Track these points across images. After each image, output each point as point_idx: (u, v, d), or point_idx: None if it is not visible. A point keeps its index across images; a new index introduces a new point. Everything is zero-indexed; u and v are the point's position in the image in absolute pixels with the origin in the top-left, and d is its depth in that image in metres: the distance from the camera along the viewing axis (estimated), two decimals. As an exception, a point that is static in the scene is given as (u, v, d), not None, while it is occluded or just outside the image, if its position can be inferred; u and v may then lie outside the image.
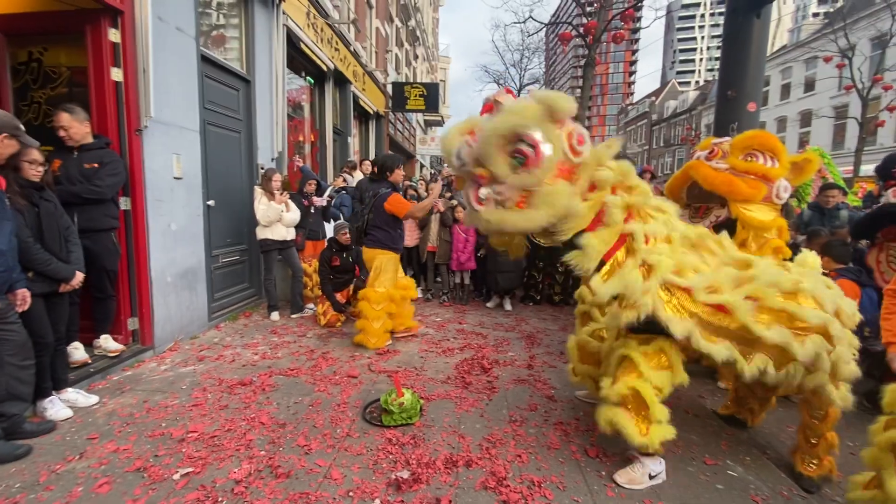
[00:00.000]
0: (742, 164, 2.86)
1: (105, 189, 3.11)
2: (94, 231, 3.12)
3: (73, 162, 3.09)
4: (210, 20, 4.77)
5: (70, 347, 3.05)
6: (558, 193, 2.04)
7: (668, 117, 38.28)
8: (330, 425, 2.63)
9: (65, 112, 3.03)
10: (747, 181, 2.84)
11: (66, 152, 3.10)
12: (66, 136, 3.05)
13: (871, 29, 18.09)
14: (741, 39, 3.92)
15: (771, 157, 2.86)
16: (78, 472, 2.15)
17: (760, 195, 2.83)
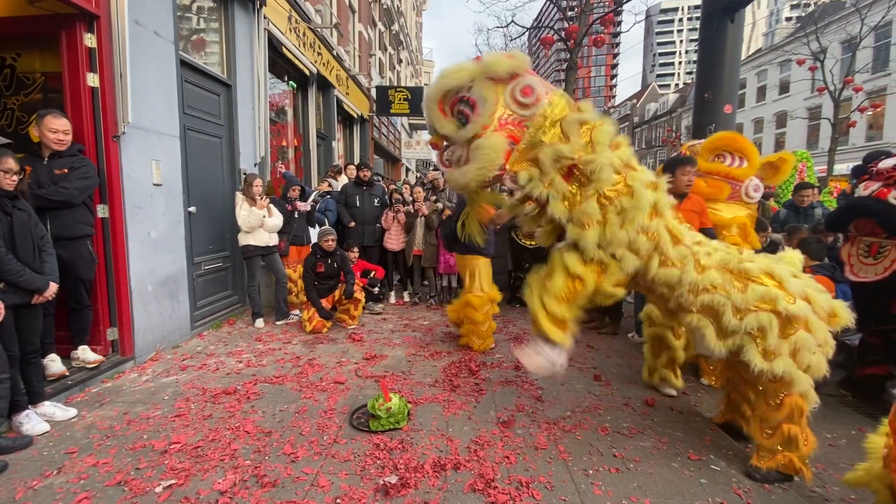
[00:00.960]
0: (706, 165, 3.00)
1: (73, 191, 3.01)
2: (69, 239, 3.04)
3: (43, 168, 3.01)
4: (189, 24, 4.71)
5: (46, 360, 2.97)
6: (488, 147, 2.08)
7: (650, 119, 38.95)
8: (317, 432, 2.61)
9: (65, 117, 3.00)
10: (709, 181, 2.97)
11: (36, 159, 3.02)
12: (60, 143, 2.98)
13: (841, 32, 18.71)
14: (716, 43, 4.02)
15: (740, 157, 2.98)
16: (56, 487, 2.09)
17: (723, 194, 2.96)
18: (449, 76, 2.14)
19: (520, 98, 2.13)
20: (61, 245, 2.94)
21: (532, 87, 2.14)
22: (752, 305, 2.09)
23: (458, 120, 2.18)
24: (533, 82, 2.16)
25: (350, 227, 5.78)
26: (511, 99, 2.13)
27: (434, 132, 2.28)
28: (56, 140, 2.97)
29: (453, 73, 2.14)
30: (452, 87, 2.15)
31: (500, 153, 2.11)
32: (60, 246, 2.91)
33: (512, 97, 2.13)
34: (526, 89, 2.13)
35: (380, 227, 5.89)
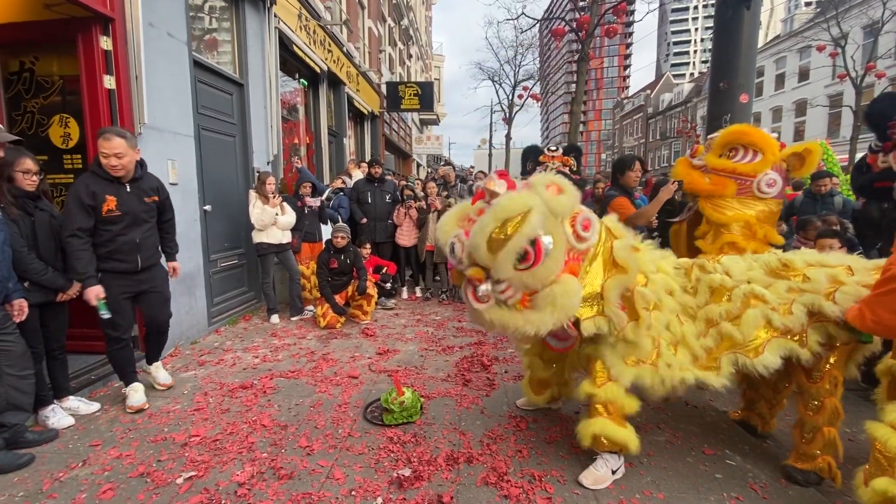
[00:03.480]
0: (714, 162, 2.91)
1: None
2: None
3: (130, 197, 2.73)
4: (201, 25, 4.77)
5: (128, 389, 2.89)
6: (568, 293, 1.90)
7: (664, 110, 38.26)
8: (331, 426, 2.65)
9: (118, 136, 2.59)
10: (712, 178, 2.89)
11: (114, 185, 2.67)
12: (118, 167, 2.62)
13: (863, 17, 18.11)
14: (732, 31, 3.93)
15: (753, 151, 2.85)
16: (81, 479, 2.16)
17: (727, 191, 2.85)
18: (511, 213, 1.84)
19: (581, 233, 1.98)
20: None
21: (591, 221, 2.03)
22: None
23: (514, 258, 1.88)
24: (589, 214, 2.05)
25: (362, 223, 5.82)
26: (573, 233, 1.97)
27: (477, 266, 1.95)
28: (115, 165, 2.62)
29: (516, 211, 1.85)
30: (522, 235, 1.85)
31: (578, 297, 1.94)
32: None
33: (574, 231, 1.97)
34: (586, 223, 2.00)
35: (392, 224, 5.91)
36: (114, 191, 2.67)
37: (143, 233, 2.81)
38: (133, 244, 2.75)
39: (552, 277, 1.89)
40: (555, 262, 1.89)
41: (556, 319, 1.91)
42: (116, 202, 2.66)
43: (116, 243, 2.70)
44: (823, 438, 2.07)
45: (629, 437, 2.09)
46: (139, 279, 2.84)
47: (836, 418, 2.08)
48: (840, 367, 2.09)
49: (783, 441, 2.48)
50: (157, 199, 2.89)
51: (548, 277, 1.89)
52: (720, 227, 2.90)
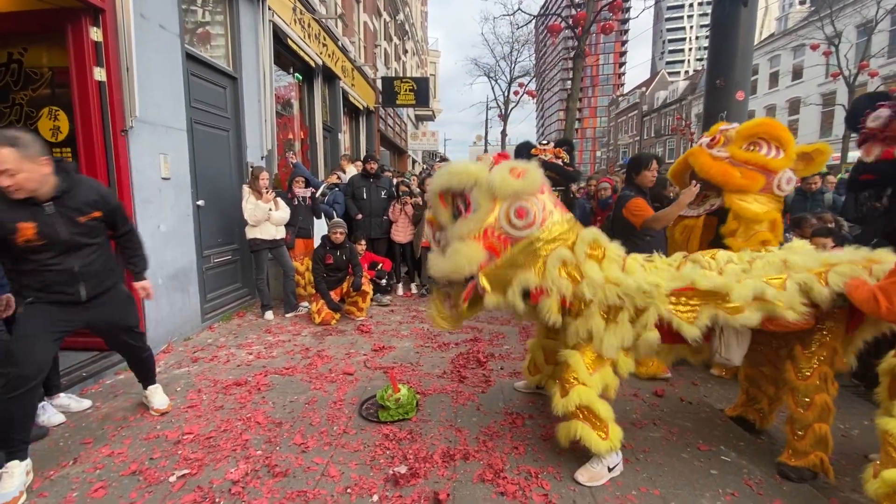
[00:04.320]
0: (741, 154, 2.79)
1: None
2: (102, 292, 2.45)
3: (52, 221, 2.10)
4: (194, 17, 4.70)
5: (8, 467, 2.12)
6: (463, 255, 2.12)
7: (659, 108, 38.37)
8: (326, 423, 2.63)
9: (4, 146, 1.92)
10: (744, 171, 2.77)
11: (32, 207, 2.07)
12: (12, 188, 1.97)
13: (856, 16, 18.22)
14: (728, 28, 3.93)
15: (776, 146, 2.81)
16: (72, 477, 2.13)
17: (757, 186, 2.77)
18: (454, 175, 2.19)
19: (513, 219, 2.12)
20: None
21: (527, 211, 2.12)
22: None
23: (452, 209, 2.26)
24: (529, 206, 2.13)
25: (357, 219, 5.78)
26: (504, 216, 2.13)
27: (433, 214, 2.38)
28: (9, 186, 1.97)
29: (459, 174, 2.18)
30: (455, 187, 2.21)
31: (473, 264, 2.13)
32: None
33: (506, 215, 2.13)
34: (520, 211, 2.12)
35: (387, 220, 5.89)
36: (28, 215, 2.03)
37: (83, 259, 2.21)
38: (70, 274, 2.18)
39: (465, 237, 2.14)
40: (471, 225, 2.14)
41: (450, 269, 2.16)
42: (35, 229, 2.04)
43: (48, 275, 2.14)
44: (815, 434, 2.09)
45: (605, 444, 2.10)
46: (85, 312, 2.29)
47: (827, 414, 2.09)
48: (829, 364, 2.10)
49: (778, 437, 2.49)
50: (97, 216, 2.24)
51: (462, 235, 2.15)
52: (753, 223, 2.81)
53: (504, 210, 2.14)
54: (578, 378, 2.13)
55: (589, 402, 2.10)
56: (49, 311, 2.18)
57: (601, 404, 2.13)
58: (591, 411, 2.11)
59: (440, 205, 2.30)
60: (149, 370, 2.76)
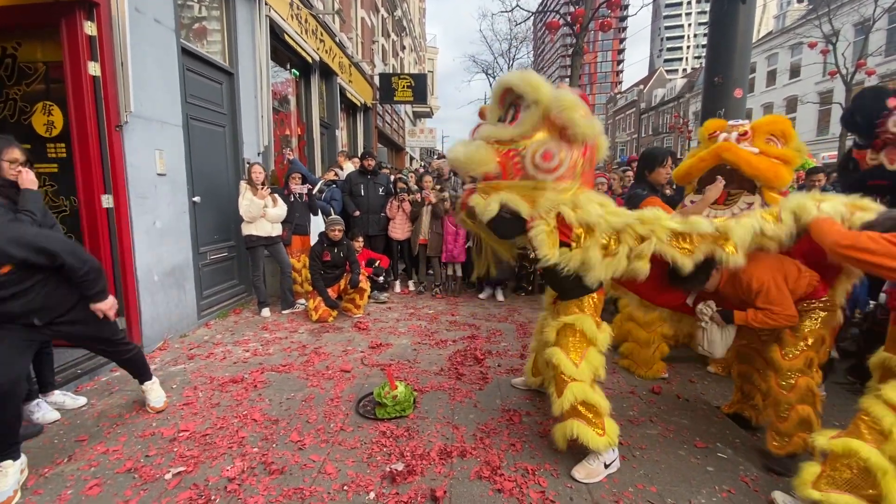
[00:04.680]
0: (773, 149, 2.75)
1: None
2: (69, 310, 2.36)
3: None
4: (190, 12, 4.66)
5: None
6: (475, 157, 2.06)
7: (657, 105, 38.41)
8: (323, 420, 2.62)
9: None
10: (787, 168, 2.74)
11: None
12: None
13: (854, 14, 18.25)
14: (727, 25, 3.92)
15: (783, 143, 2.81)
16: (67, 474, 2.12)
17: (789, 182, 2.80)
18: (529, 84, 2.03)
19: (538, 161, 2.00)
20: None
21: (552, 155, 1.99)
22: None
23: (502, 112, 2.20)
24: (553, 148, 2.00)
25: (355, 216, 5.76)
26: (531, 153, 2.01)
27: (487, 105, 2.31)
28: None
29: (533, 85, 2.02)
30: (523, 91, 2.06)
31: (478, 168, 2.08)
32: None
33: (533, 153, 2.00)
34: (547, 154, 1.99)
35: (385, 217, 5.87)
36: None
37: (19, 301, 2.04)
38: (11, 316, 2.06)
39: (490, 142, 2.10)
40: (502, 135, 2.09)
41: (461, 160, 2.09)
42: None
43: None
44: (798, 416, 2.11)
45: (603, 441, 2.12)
46: (50, 329, 2.23)
47: (811, 398, 2.12)
48: (816, 349, 2.14)
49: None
50: (8, 269, 1.97)
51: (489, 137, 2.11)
52: None
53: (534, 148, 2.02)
54: (567, 375, 2.15)
55: (584, 396, 2.11)
56: (12, 328, 2.09)
57: (597, 396, 2.14)
58: (588, 404, 2.12)
59: (497, 102, 2.22)
60: (138, 368, 2.69)
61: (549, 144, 2.01)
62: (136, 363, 2.66)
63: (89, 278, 2.21)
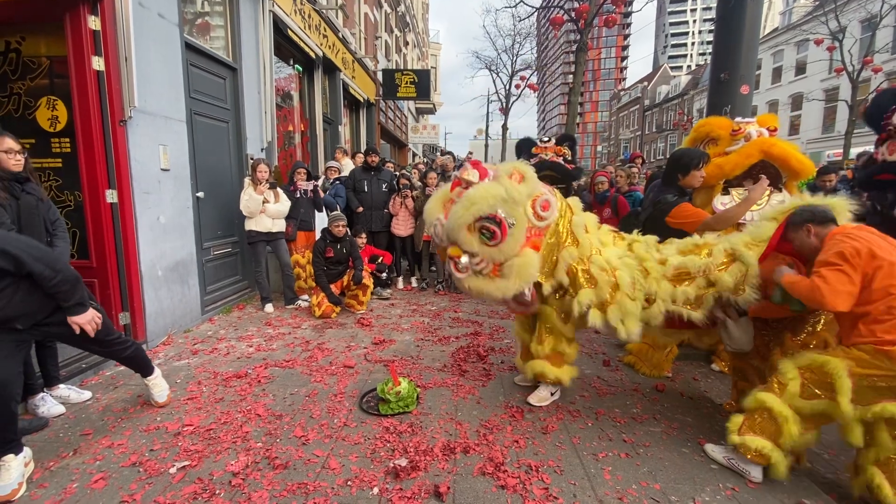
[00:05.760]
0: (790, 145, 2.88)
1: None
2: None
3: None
4: (194, 7, 4.65)
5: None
6: (527, 265, 2.33)
7: (661, 102, 38.18)
8: (327, 415, 2.63)
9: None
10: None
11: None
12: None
13: (861, 11, 18.08)
14: (734, 21, 3.88)
15: None
16: (72, 468, 2.13)
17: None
18: (480, 203, 2.28)
19: (541, 213, 2.39)
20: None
21: (549, 202, 2.42)
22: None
23: (482, 235, 2.33)
24: (548, 196, 2.44)
25: (358, 212, 5.76)
26: (534, 214, 2.38)
27: (456, 246, 2.41)
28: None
29: (483, 200, 2.28)
30: (484, 213, 2.29)
31: (536, 269, 2.38)
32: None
33: (535, 212, 2.38)
34: (545, 204, 2.41)
35: (388, 213, 5.86)
36: None
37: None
38: None
39: (516, 251, 2.33)
40: (516, 240, 2.32)
41: (519, 285, 2.36)
42: None
43: None
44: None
45: (561, 374, 2.70)
46: (38, 331, 2.16)
47: None
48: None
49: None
50: None
51: (512, 251, 2.33)
52: None
53: (532, 208, 2.38)
54: (553, 328, 2.68)
55: (559, 347, 2.68)
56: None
57: (569, 348, 2.71)
58: (558, 353, 2.70)
59: (468, 235, 2.33)
60: (139, 365, 2.64)
61: (538, 201, 2.41)
62: (136, 360, 2.61)
63: (62, 289, 2.05)
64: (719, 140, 3.11)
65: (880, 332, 1.75)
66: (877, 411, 1.75)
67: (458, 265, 2.41)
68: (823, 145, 20.72)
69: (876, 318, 1.77)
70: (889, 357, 1.72)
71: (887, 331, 1.73)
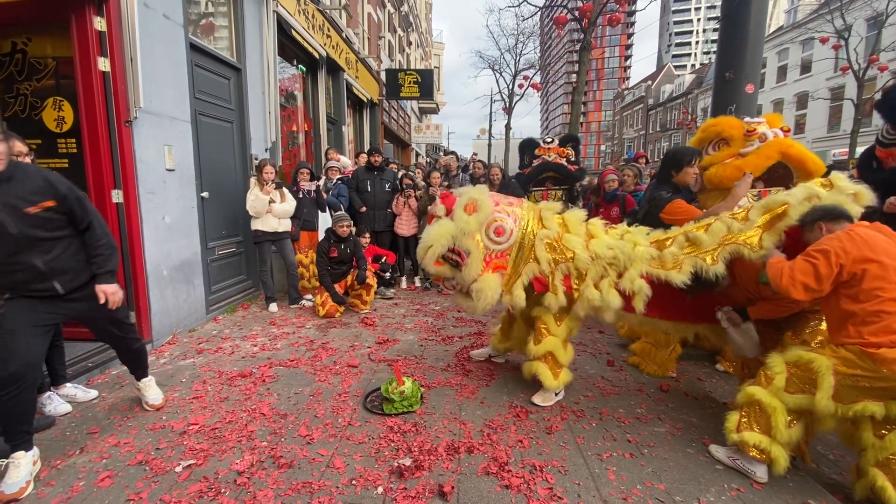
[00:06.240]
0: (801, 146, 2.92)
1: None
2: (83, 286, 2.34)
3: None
4: (198, 7, 4.66)
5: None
6: (487, 288, 2.64)
7: (665, 101, 38.04)
8: (331, 415, 2.64)
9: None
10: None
11: None
12: None
13: (867, 9, 17.94)
14: (739, 19, 3.86)
15: None
16: (79, 466, 2.14)
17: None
18: (435, 244, 2.67)
19: (494, 238, 2.69)
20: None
21: (503, 228, 2.69)
22: None
23: (450, 264, 2.76)
24: (501, 222, 2.70)
25: (361, 212, 5.77)
26: (488, 239, 2.69)
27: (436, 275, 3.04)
28: None
29: (438, 241, 2.66)
30: (441, 251, 2.69)
31: (497, 290, 2.67)
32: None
33: (488, 238, 2.69)
34: (498, 230, 2.69)
35: (391, 213, 5.87)
36: None
37: (46, 255, 2.05)
38: (36, 272, 2.04)
39: (476, 276, 2.67)
40: (475, 266, 2.66)
41: (483, 306, 2.68)
42: None
43: (15, 275, 2.02)
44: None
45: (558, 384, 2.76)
46: (69, 304, 2.19)
47: None
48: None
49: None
50: (50, 206, 2.04)
51: (473, 276, 2.67)
52: None
53: (484, 235, 2.69)
54: (549, 329, 2.75)
55: (554, 349, 2.74)
56: (30, 305, 2.07)
57: (564, 351, 2.76)
58: (554, 356, 2.75)
59: (438, 268, 2.78)
60: (140, 362, 2.65)
61: (489, 228, 2.70)
62: (141, 356, 2.65)
63: (105, 252, 2.22)
64: (732, 141, 3.07)
65: (867, 335, 1.76)
66: (857, 409, 1.79)
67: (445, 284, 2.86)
68: (829, 144, 20.59)
69: (864, 319, 1.78)
70: (874, 360, 1.73)
71: (874, 333, 1.74)
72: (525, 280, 2.69)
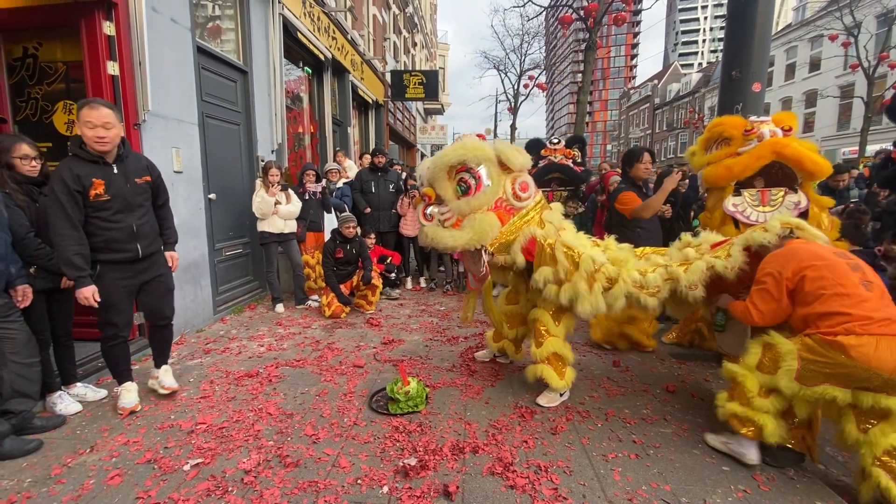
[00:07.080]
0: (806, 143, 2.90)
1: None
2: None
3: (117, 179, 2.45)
4: (205, 11, 4.71)
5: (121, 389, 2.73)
6: (486, 223, 2.49)
7: (671, 100, 37.81)
8: (337, 414, 2.65)
9: (105, 106, 2.37)
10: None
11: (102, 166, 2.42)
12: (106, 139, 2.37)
13: (877, 6, 17.73)
14: (746, 17, 3.84)
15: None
16: (89, 464, 2.17)
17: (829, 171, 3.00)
18: (470, 150, 2.47)
19: (518, 192, 2.57)
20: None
21: (529, 185, 2.59)
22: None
23: (458, 186, 2.55)
24: (530, 181, 2.61)
25: (366, 213, 5.79)
26: (511, 190, 2.56)
27: (432, 188, 2.64)
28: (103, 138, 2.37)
29: (475, 150, 2.47)
30: (469, 159, 2.48)
31: (494, 230, 2.53)
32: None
33: (513, 189, 2.56)
34: (524, 185, 2.58)
35: (396, 213, 5.88)
36: (100, 173, 2.38)
37: (138, 218, 2.53)
38: (129, 232, 2.50)
39: (481, 209, 2.51)
40: (486, 199, 2.51)
41: (472, 239, 2.50)
42: (104, 185, 2.38)
43: (110, 232, 2.44)
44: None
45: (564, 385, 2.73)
46: (141, 268, 2.60)
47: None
48: None
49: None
50: (149, 180, 2.60)
51: (478, 208, 2.51)
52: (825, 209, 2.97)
53: (511, 184, 2.55)
54: (549, 330, 2.73)
55: (557, 349, 2.70)
56: (118, 270, 2.52)
57: (566, 349, 2.73)
58: (559, 356, 2.72)
59: (445, 179, 2.54)
60: (167, 343, 2.94)
61: (518, 180, 2.57)
62: (170, 338, 2.95)
63: (173, 227, 2.86)
64: (732, 140, 3.07)
65: (824, 328, 1.90)
66: (818, 391, 1.92)
67: (426, 213, 2.67)
68: (839, 143, 20.36)
69: (819, 315, 1.94)
70: (832, 347, 1.86)
71: (831, 327, 1.89)
72: (522, 240, 2.62)
